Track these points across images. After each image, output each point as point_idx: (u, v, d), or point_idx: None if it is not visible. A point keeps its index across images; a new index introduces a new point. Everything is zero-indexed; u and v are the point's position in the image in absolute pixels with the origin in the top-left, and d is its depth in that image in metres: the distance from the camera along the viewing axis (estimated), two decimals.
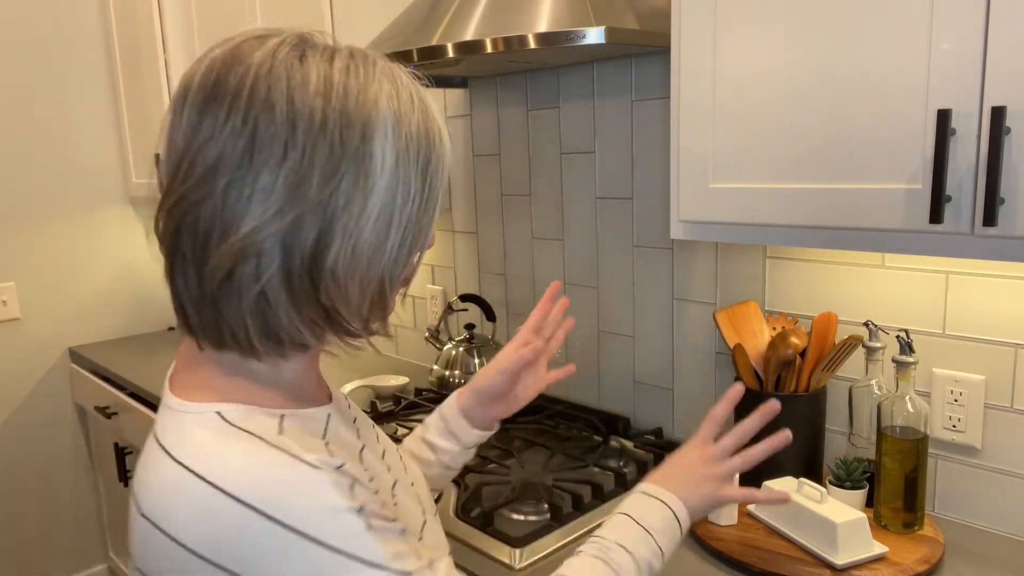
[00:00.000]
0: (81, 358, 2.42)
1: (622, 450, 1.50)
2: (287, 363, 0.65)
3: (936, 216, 0.84)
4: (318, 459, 0.57)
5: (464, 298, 1.86)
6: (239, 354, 0.62)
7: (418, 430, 0.98)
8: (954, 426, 1.19)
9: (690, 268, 1.50)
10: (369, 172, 0.58)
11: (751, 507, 1.20)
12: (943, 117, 0.83)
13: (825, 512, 1.06)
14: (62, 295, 2.48)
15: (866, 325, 1.19)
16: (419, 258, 0.66)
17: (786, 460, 1.22)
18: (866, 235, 0.95)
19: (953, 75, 0.83)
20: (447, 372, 1.80)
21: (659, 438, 1.55)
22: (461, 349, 1.80)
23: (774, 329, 1.32)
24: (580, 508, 1.26)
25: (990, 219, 0.81)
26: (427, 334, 1.90)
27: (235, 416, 0.60)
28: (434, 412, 0.98)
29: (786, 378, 1.25)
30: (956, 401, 1.18)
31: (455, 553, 0.80)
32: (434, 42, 1.30)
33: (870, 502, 1.18)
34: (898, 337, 1.13)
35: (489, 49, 1.24)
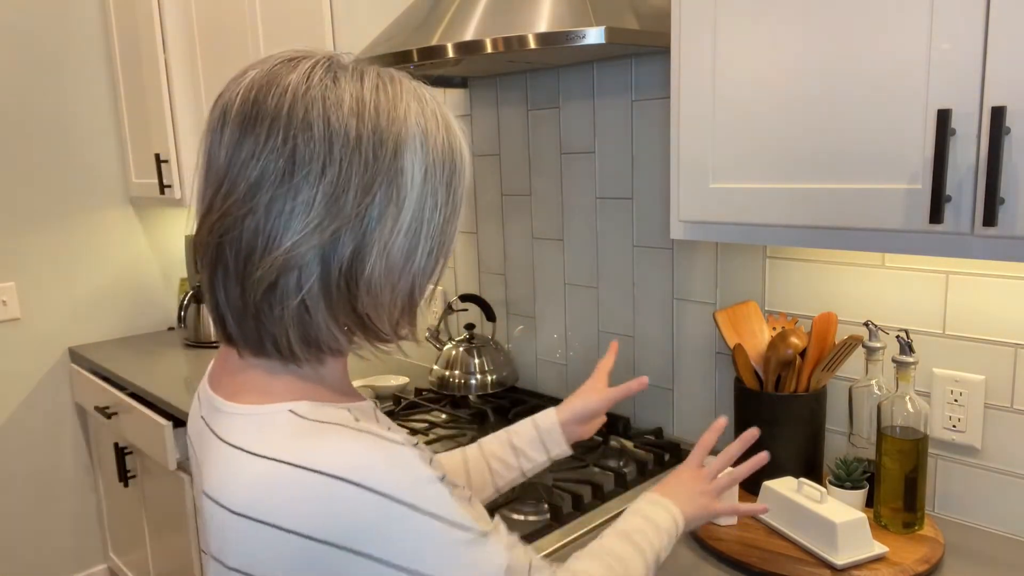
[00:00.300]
0: (81, 358, 2.42)
1: (622, 450, 1.50)
2: (323, 367, 0.69)
3: (936, 216, 0.84)
4: (400, 437, 0.62)
5: (464, 298, 1.86)
6: (279, 360, 0.65)
7: (502, 433, 1.03)
8: (954, 426, 1.19)
9: (690, 268, 1.50)
10: (401, 186, 0.62)
11: None
12: (943, 117, 0.83)
13: (825, 512, 1.06)
14: (62, 295, 2.48)
15: (866, 325, 1.19)
16: (443, 265, 0.70)
17: (786, 460, 1.22)
18: (866, 235, 0.95)
19: (953, 75, 0.83)
20: (447, 372, 1.80)
21: (659, 438, 1.55)
22: (461, 349, 1.80)
23: (774, 329, 1.32)
24: (580, 508, 1.26)
25: (990, 219, 0.81)
26: (427, 334, 1.90)
27: (308, 411, 0.63)
28: (525, 421, 1.04)
29: (786, 378, 1.25)
30: (956, 401, 1.18)
31: None
32: (434, 42, 1.30)
33: (870, 502, 1.18)
34: (898, 337, 1.13)
35: (489, 49, 1.24)
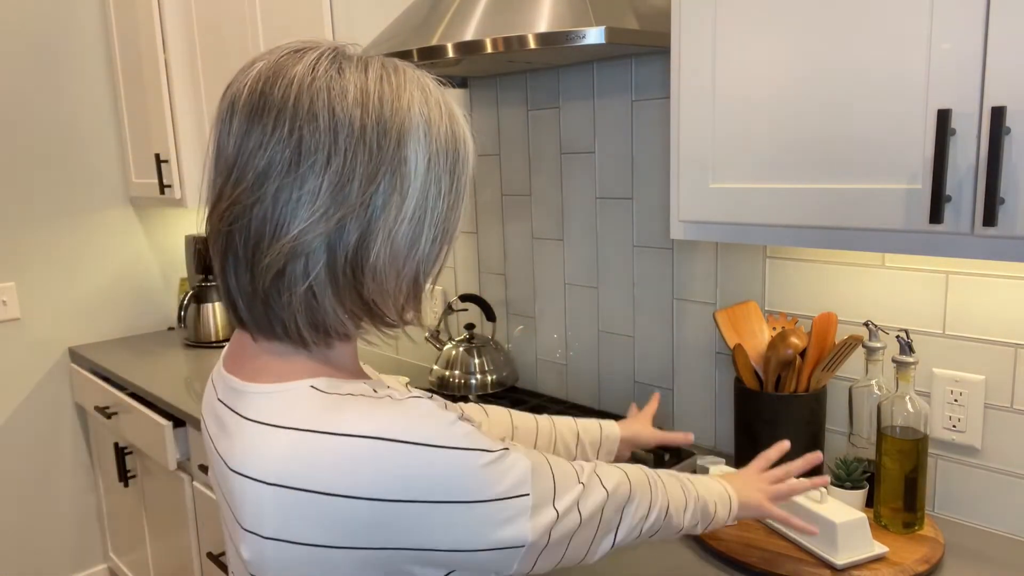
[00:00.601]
0: (81, 358, 2.42)
1: None
2: (331, 350, 0.70)
3: (936, 216, 0.84)
4: (418, 392, 0.66)
5: (464, 298, 1.86)
6: (289, 344, 0.67)
7: (571, 422, 1.11)
8: (954, 426, 1.19)
9: (690, 268, 1.50)
10: (404, 175, 0.63)
11: None
12: (943, 117, 0.83)
13: (825, 512, 1.06)
14: (62, 295, 2.48)
15: (866, 325, 1.19)
16: (447, 251, 0.71)
17: (786, 460, 1.22)
18: (866, 235, 0.95)
19: (953, 75, 0.83)
20: (447, 372, 1.80)
21: None
22: (461, 349, 1.80)
23: (774, 329, 1.32)
24: None
25: (990, 219, 0.81)
26: (427, 334, 1.90)
27: (328, 386, 0.65)
28: (594, 421, 1.13)
29: (786, 378, 1.25)
30: (956, 401, 1.18)
31: None
32: (434, 42, 1.30)
33: (870, 502, 1.18)
34: (898, 337, 1.13)
35: (489, 49, 1.24)
